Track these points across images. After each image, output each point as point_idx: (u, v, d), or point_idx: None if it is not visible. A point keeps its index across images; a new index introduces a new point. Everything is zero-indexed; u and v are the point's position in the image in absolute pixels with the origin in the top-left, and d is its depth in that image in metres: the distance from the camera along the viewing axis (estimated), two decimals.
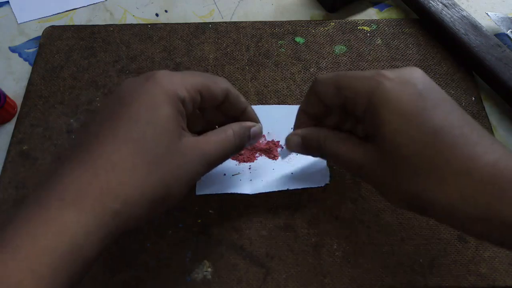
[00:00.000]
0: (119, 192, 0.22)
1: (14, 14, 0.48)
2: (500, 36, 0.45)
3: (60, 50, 0.44)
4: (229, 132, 0.28)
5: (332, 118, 0.30)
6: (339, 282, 0.32)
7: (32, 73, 0.43)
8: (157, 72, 0.25)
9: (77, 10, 0.48)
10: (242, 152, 0.37)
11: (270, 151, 0.37)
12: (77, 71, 0.43)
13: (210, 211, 0.35)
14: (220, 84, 0.28)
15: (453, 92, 0.42)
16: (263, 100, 0.41)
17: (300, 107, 0.31)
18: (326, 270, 0.33)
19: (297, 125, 0.31)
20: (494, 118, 0.41)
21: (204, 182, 0.35)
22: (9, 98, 0.41)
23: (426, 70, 0.43)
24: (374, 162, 0.25)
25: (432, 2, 0.45)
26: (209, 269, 0.33)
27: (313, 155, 0.31)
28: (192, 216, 0.35)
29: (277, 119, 0.39)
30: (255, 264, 0.33)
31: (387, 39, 0.45)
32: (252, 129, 0.30)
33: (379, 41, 0.45)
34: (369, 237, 0.34)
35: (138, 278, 0.33)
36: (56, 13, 0.48)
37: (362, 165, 0.26)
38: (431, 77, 0.42)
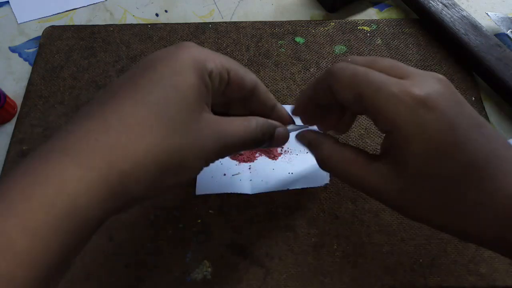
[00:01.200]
0: (129, 152, 0.20)
1: (14, 14, 0.48)
2: (500, 36, 0.45)
3: (60, 50, 0.44)
4: (252, 121, 0.26)
5: (336, 111, 0.28)
6: (339, 282, 0.32)
7: (32, 73, 0.43)
8: (188, 42, 0.24)
9: (77, 10, 0.48)
10: (242, 152, 0.37)
11: (270, 151, 0.37)
12: (77, 71, 0.43)
13: (210, 211, 0.35)
14: (250, 74, 0.27)
15: None
16: None
17: (307, 88, 0.28)
18: (326, 270, 0.33)
19: (297, 105, 0.29)
20: (494, 118, 0.41)
21: (204, 182, 0.35)
22: (9, 98, 0.41)
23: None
24: (389, 186, 0.23)
25: (432, 2, 0.45)
26: (209, 269, 0.33)
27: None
28: (192, 216, 0.35)
29: None
30: (255, 264, 0.33)
31: (387, 39, 0.45)
32: (278, 129, 0.28)
33: (379, 41, 0.45)
34: (369, 237, 0.34)
35: (138, 278, 0.33)
36: (56, 13, 0.48)
37: (376, 189, 0.24)
38: None
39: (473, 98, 0.41)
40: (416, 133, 0.22)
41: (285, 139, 0.29)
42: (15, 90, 0.43)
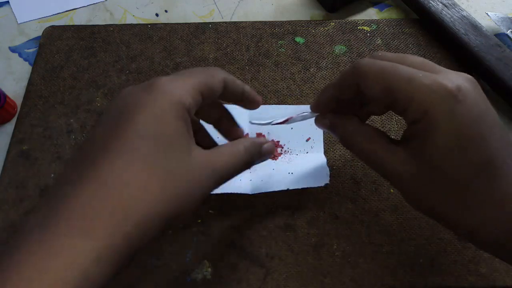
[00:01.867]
0: (131, 213, 0.20)
1: (14, 14, 0.48)
2: (500, 36, 0.45)
3: (60, 50, 0.44)
4: (240, 148, 0.26)
5: (358, 106, 0.29)
6: (339, 282, 0.32)
7: (32, 73, 0.43)
8: (159, 80, 0.23)
9: (77, 10, 0.48)
10: None
11: None
12: (77, 71, 0.43)
13: (210, 211, 0.35)
14: (217, 76, 0.26)
15: None
16: (263, 100, 0.41)
17: (331, 84, 0.28)
18: (326, 270, 0.33)
19: (319, 102, 0.29)
20: None
21: None
22: (9, 98, 0.41)
23: None
24: (406, 170, 0.24)
25: (432, 2, 0.45)
26: (209, 269, 0.33)
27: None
28: (192, 216, 0.35)
29: (277, 119, 0.39)
30: (255, 264, 0.33)
31: (387, 39, 0.45)
32: (264, 146, 0.28)
33: (379, 41, 0.45)
34: (369, 237, 0.34)
35: (138, 278, 0.33)
36: (56, 13, 0.48)
37: (390, 170, 0.25)
38: None
39: None
40: (445, 121, 0.22)
41: (272, 153, 0.29)
42: (15, 90, 0.43)
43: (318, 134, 0.38)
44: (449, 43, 0.44)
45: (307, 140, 0.38)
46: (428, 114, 0.22)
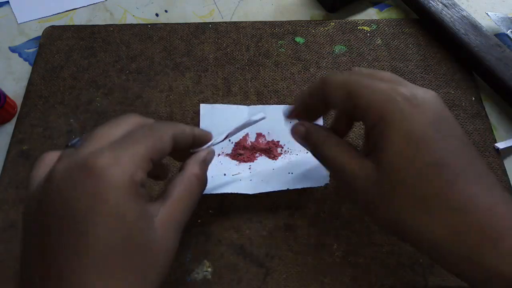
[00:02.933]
0: None
1: (14, 14, 0.48)
2: (500, 36, 0.45)
3: (60, 50, 0.44)
4: (192, 179, 0.26)
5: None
6: (339, 282, 0.32)
7: (32, 73, 0.43)
8: (98, 162, 0.20)
9: (77, 10, 0.48)
10: (242, 152, 0.37)
11: (270, 151, 0.37)
12: (77, 71, 0.43)
13: (210, 211, 0.35)
14: (165, 137, 0.24)
15: (453, 92, 0.42)
16: (263, 100, 0.41)
17: (301, 95, 0.29)
18: (326, 270, 0.33)
19: (293, 112, 0.30)
20: (494, 118, 0.41)
21: None
22: (9, 98, 0.41)
23: (426, 70, 0.43)
24: (368, 179, 0.24)
25: (432, 2, 0.45)
26: (209, 269, 0.33)
27: (309, 150, 0.30)
28: (192, 216, 0.35)
29: (276, 119, 0.39)
30: (255, 264, 0.33)
31: (387, 39, 0.45)
32: (208, 157, 0.28)
33: (379, 41, 0.45)
34: (369, 237, 0.34)
35: None
36: (56, 13, 0.48)
37: (355, 178, 0.25)
38: (431, 77, 0.42)
39: (473, 98, 0.41)
40: (398, 122, 0.23)
41: (212, 156, 0.29)
42: (15, 90, 0.43)
43: None
44: (449, 43, 0.44)
45: None
46: (384, 118, 0.23)
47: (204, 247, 0.34)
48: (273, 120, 0.38)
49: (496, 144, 0.38)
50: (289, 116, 0.31)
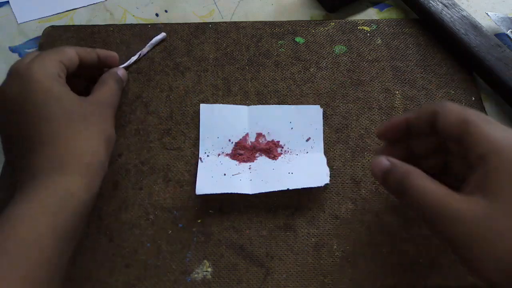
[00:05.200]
0: (85, 150, 0.30)
1: (14, 14, 0.48)
2: (500, 36, 0.45)
3: None
4: (109, 81, 0.36)
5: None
6: (339, 282, 0.32)
7: None
8: (20, 68, 0.31)
9: (77, 10, 0.48)
10: (242, 152, 0.37)
11: (270, 151, 0.37)
12: None
13: (210, 211, 0.35)
14: (68, 49, 0.34)
15: (453, 92, 0.42)
16: (263, 100, 0.41)
17: (401, 117, 0.29)
18: (326, 270, 0.33)
19: (385, 131, 0.30)
20: (494, 118, 0.40)
21: (204, 181, 0.35)
22: None
23: (426, 70, 0.43)
24: (477, 216, 0.22)
25: (432, 2, 0.45)
26: (209, 269, 0.33)
27: (391, 192, 0.28)
28: (192, 216, 0.35)
29: (276, 119, 0.39)
30: (255, 264, 0.33)
31: (387, 39, 0.45)
32: (119, 72, 0.39)
33: (379, 41, 0.45)
34: (369, 237, 0.34)
35: (138, 278, 0.33)
36: (56, 13, 0.48)
37: (456, 213, 0.23)
38: (431, 77, 0.42)
39: (473, 98, 0.41)
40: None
41: (125, 74, 0.40)
42: None
43: (318, 134, 0.38)
44: (449, 43, 0.44)
45: (307, 140, 0.38)
46: (495, 148, 0.23)
47: (204, 247, 0.34)
48: (272, 120, 0.38)
49: None
50: (381, 133, 0.30)
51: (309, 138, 0.38)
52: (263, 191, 0.34)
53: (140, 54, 0.43)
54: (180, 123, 0.40)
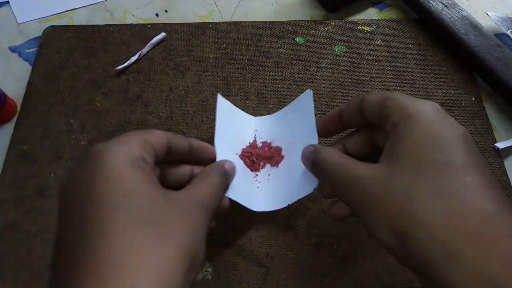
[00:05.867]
0: (148, 270, 0.20)
1: (14, 14, 0.48)
2: (500, 36, 0.45)
3: (60, 50, 0.44)
4: (211, 174, 0.27)
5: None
6: (339, 282, 0.32)
7: (32, 73, 0.43)
8: (92, 149, 0.23)
9: (77, 10, 0.48)
10: (249, 159, 0.36)
11: (272, 158, 0.36)
12: (77, 71, 0.43)
13: None
14: (155, 132, 0.26)
15: (453, 92, 0.42)
16: (263, 100, 0.41)
17: (334, 111, 0.30)
18: (326, 270, 0.33)
19: (320, 129, 0.32)
20: (494, 118, 0.41)
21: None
22: (9, 98, 0.41)
23: (426, 70, 0.43)
24: (375, 178, 0.23)
25: (432, 2, 0.45)
26: (209, 269, 0.33)
27: (315, 175, 0.29)
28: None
29: (279, 126, 0.37)
30: (255, 264, 0.33)
31: (387, 39, 0.45)
32: (226, 165, 0.29)
33: (379, 41, 0.45)
34: (369, 237, 0.34)
35: None
36: (56, 13, 0.48)
37: (359, 175, 0.24)
38: (431, 77, 0.42)
39: (473, 98, 0.41)
40: (422, 120, 0.23)
41: (234, 169, 0.31)
42: (15, 90, 0.43)
43: (309, 121, 0.34)
44: (449, 43, 0.44)
45: (303, 134, 0.35)
46: (409, 114, 0.24)
47: None
48: (276, 128, 0.37)
49: (496, 144, 0.38)
50: (320, 131, 0.32)
51: (303, 130, 0.35)
52: (267, 210, 0.32)
53: (140, 54, 0.43)
54: (180, 123, 0.40)
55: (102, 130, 0.39)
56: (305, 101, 0.35)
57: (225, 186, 0.29)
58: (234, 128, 0.37)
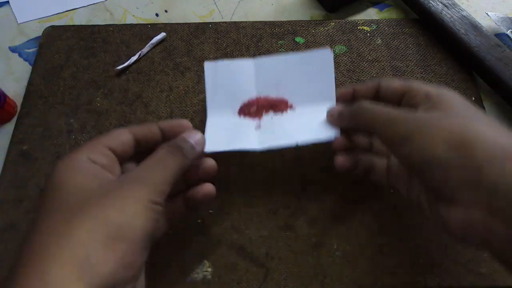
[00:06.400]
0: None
1: (14, 14, 0.48)
2: (500, 36, 0.45)
3: (60, 50, 0.44)
4: (160, 152, 0.27)
5: None
6: (339, 282, 0.32)
7: (32, 73, 0.43)
8: (65, 156, 0.26)
9: (77, 10, 0.48)
10: (250, 109, 0.36)
11: (278, 106, 0.36)
12: (77, 71, 0.43)
13: (210, 211, 0.35)
14: (121, 131, 0.28)
15: None
16: None
17: (350, 86, 0.34)
18: (326, 270, 0.33)
19: (338, 96, 0.35)
20: (494, 118, 0.40)
21: (212, 139, 0.33)
22: (9, 98, 0.41)
23: (426, 70, 0.43)
24: (418, 116, 0.27)
25: (432, 2, 0.45)
26: (209, 269, 0.33)
27: (346, 123, 0.33)
28: (192, 216, 0.35)
29: (284, 72, 0.36)
30: (255, 264, 0.33)
31: (387, 39, 0.45)
32: (193, 138, 0.29)
33: (379, 41, 0.45)
34: (369, 237, 0.34)
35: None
36: (56, 13, 0.48)
37: (400, 116, 0.27)
38: (431, 77, 0.42)
39: (473, 98, 0.41)
40: (451, 94, 0.28)
41: (202, 140, 0.30)
42: (15, 90, 0.43)
43: (328, 81, 0.35)
44: (449, 43, 0.44)
45: (316, 90, 0.36)
46: (437, 94, 0.28)
47: (204, 247, 0.34)
48: (281, 73, 0.36)
49: None
50: (337, 97, 0.35)
51: (319, 86, 0.35)
52: (272, 146, 0.33)
53: (140, 54, 0.43)
54: None
55: (102, 130, 0.39)
56: (323, 60, 0.36)
57: (182, 159, 0.28)
58: (229, 85, 0.36)
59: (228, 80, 0.37)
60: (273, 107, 0.36)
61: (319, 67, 0.36)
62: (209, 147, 0.32)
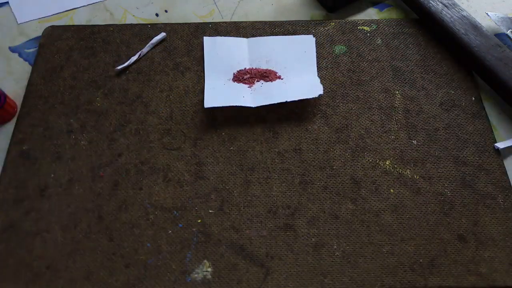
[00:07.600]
0: None
1: (14, 14, 0.48)
2: (500, 36, 0.45)
3: (60, 50, 0.44)
4: None
5: None
6: (339, 282, 0.32)
7: (32, 73, 0.43)
8: None
9: (77, 10, 0.48)
10: (243, 77, 0.41)
11: (268, 75, 0.41)
12: (77, 71, 0.43)
13: (210, 211, 0.35)
14: None
15: (453, 92, 0.42)
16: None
17: None
18: (326, 270, 0.33)
19: None
20: (494, 118, 0.41)
21: (210, 96, 0.39)
22: (9, 98, 0.41)
23: (426, 70, 0.43)
24: None
25: (432, 2, 0.45)
26: (209, 269, 0.33)
27: None
28: (192, 216, 0.35)
29: (273, 48, 0.43)
30: (255, 264, 0.33)
31: (387, 39, 0.45)
32: None
33: (379, 41, 0.45)
34: (369, 237, 0.34)
35: (138, 278, 0.33)
36: (56, 13, 0.48)
37: None
38: (431, 77, 0.42)
39: (473, 98, 0.41)
40: None
41: None
42: (15, 90, 0.43)
43: (311, 59, 0.42)
44: (449, 43, 0.44)
45: (301, 65, 0.42)
46: None
47: (204, 247, 0.34)
48: (271, 49, 0.43)
49: (496, 144, 0.38)
50: None
51: (304, 63, 0.42)
52: (265, 104, 0.39)
53: (140, 54, 0.43)
54: (180, 123, 0.40)
55: (102, 130, 0.39)
56: (308, 43, 0.43)
57: None
58: (225, 57, 0.43)
59: (224, 52, 0.43)
60: (264, 77, 0.42)
61: (304, 47, 0.43)
62: (209, 103, 0.38)
